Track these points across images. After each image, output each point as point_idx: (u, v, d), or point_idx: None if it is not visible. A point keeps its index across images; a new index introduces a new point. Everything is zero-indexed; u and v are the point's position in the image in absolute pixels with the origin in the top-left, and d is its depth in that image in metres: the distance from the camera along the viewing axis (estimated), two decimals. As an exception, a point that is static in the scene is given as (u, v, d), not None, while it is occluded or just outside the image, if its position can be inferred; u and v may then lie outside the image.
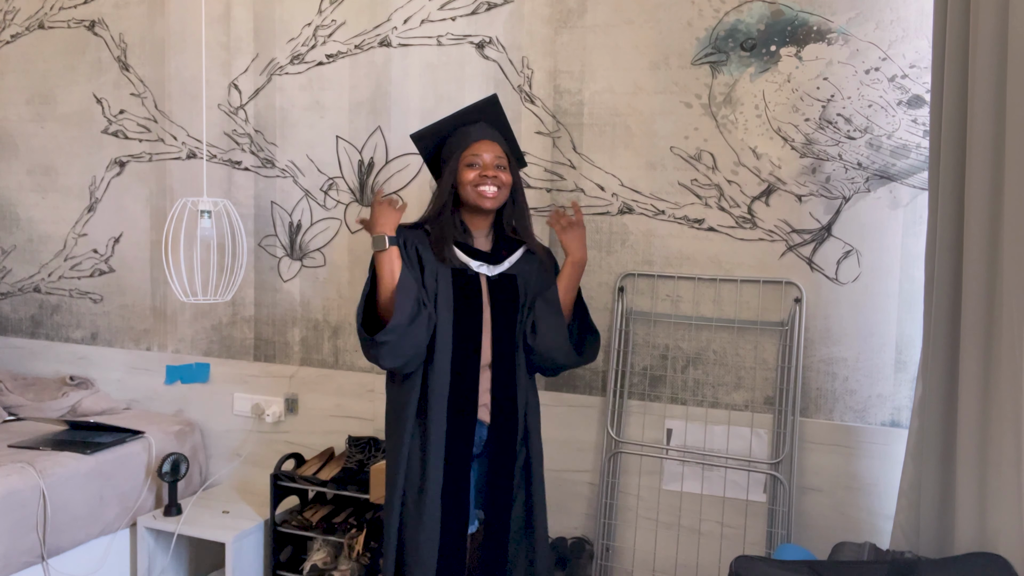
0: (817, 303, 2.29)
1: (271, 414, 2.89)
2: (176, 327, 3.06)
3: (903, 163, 2.20)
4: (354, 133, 2.75)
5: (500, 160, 2.01)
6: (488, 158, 1.99)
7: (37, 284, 3.29)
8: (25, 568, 2.36)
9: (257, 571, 2.63)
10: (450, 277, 2.01)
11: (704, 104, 2.35)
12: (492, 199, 1.99)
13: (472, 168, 1.99)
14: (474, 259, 2.03)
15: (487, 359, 2.02)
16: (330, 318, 2.83)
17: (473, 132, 2.01)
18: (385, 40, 2.69)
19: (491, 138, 2.02)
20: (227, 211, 2.63)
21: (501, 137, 2.06)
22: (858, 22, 2.20)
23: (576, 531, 2.55)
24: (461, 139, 2.02)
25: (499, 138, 2.05)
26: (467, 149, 2.00)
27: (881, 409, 2.25)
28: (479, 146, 2.00)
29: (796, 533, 2.30)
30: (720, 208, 2.37)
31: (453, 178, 2.00)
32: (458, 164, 2.00)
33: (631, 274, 2.46)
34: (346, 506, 2.68)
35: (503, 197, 2.02)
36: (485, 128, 2.03)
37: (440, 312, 1.99)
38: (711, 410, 2.40)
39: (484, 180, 1.98)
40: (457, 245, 2.03)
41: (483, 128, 2.03)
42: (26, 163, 3.26)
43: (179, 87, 2.98)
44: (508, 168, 2.03)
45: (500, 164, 2.01)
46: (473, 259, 2.03)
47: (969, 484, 1.61)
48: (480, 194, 1.98)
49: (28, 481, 2.38)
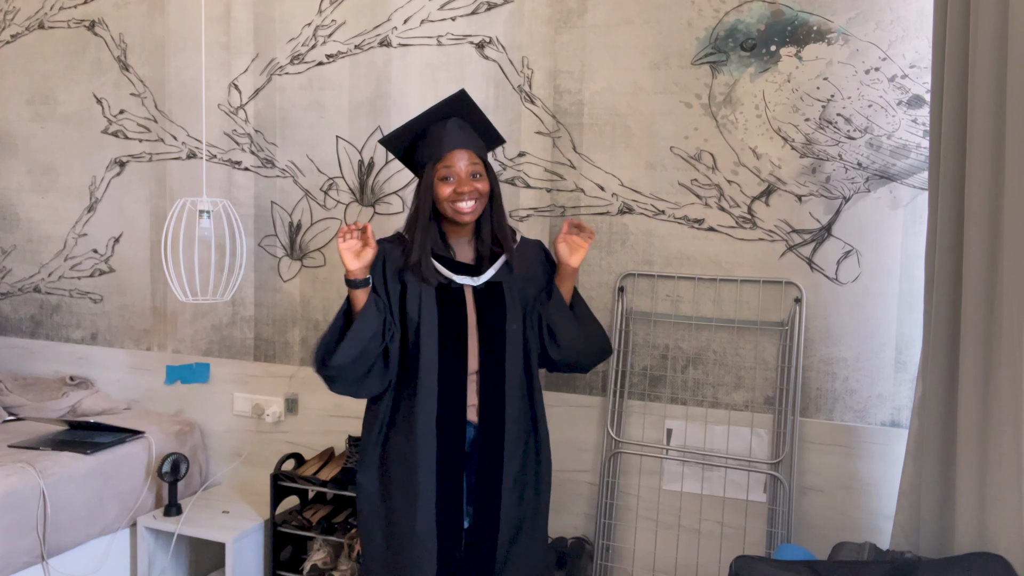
0: (817, 303, 2.29)
1: (271, 414, 2.89)
2: (176, 327, 3.06)
3: (903, 163, 2.20)
4: (354, 133, 2.75)
5: (475, 167, 1.94)
6: (463, 169, 1.92)
7: (37, 284, 3.29)
8: (25, 568, 2.36)
9: (257, 571, 2.63)
10: (433, 294, 1.96)
11: (704, 104, 2.35)
12: (470, 214, 1.94)
13: (447, 183, 1.92)
14: (456, 273, 1.97)
15: (474, 366, 1.98)
16: (330, 318, 2.82)
17: (445, 139, 1.93)
18: (385, 40, 2.69)
19: (463, 144, 1.94)
20: (227, 211, 2.63)
21: (474, 133, 1.98)
22: (858, 22, 2.20)
23: (576, 531, 2.55)
24: (433, 145, 1.94)
25: (472, 138, 1.97)
26: (440, 161, 1.93)
27: (881, 409, 2.25)
28: (452, 157, 1.92)
29: (796, 533, 2.30)
30: (720, 208, 2.37)
31: (430, 193, 1.95)
32: (432, 179, 1.94)
33: (631, 274, 2.46)
34: (346, 506, 2.68)
35: (481, 207, 1.97)
36: (456, 130, 1.95)
37: (424, 328, 1.95)
38: (711, 410, 2.40)
39: (460, 196, 1.92)
40: (439, 259, 1.97)
41: (455, 130, 1.94)
42: (26, 163, 3.26)
43: (179, 87, 2.98)
44: (484, 174, 1.96)
45: (476, 172, 1.94)
46: (456, 273, 1.97)
47: (969, 484, 1.61)
48: (457, 211, 1.93)
49: (28, 481, 2.38)
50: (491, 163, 2.04)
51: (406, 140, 2.01)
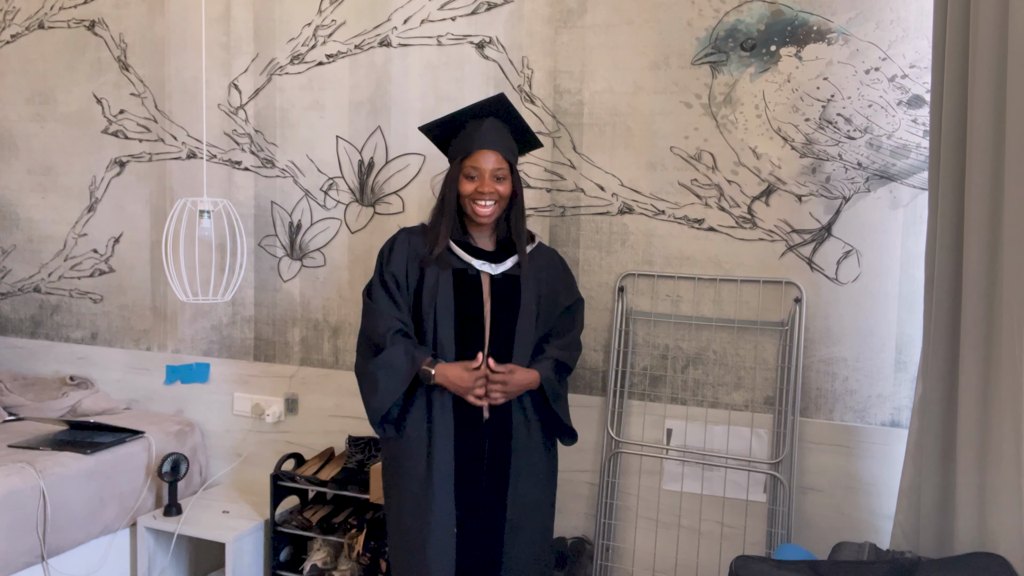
0: (817, 303, 2.29)
1: (271, 414, 2.89)
2: (176, 327, 3.06)
3: (903, 163, 2.20)
4: (354, 133, 2.75)
5: (500, 171, 2.01)
6: (488, 169, 1.99)
7: (37, 284, 3.29)
8: (25, 568, 2.36)
9: (257, 571, 2.63)
10: (451, 279, 2.03)
11: (704, 104, 2.35)
12: (486, 216, 2.02)
13: (470, 180, 2.00)
14: (476, 258, 2.04)
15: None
16: (330, 318, 2.83)
17: (477, 136, 2.00)
18: (385, 40, 2.69)
19: (493, 145, 2.00)
20: (227, 211, 2.63)
21: (509, 135, 2.05)
22: (858, 22, 2.20)
23: (576, 531, 2.55)
24: (465, 141, 2.02)
25: (504, 140, 2.03)
26: (468, 158, 2.00)
27: (881, 409, 2.25)
28: (479, 156, 1.99)
29: (796, 533, 2.30)
30: (720, 208, 2.37)
31: (454, 186, 2.02)
32: (458, 173, 2.02)
33: (631, 274, 2.46)
34: (346, 506, 2.68)
35: (499, 210, 2.05)
36: (490, 130, 2.01)
37: (440, 314, 2.03)
38: (711, 410, 2.40)
39: (480, 196, 2.00)
40: (459, 244, 2.05)
41: (489, 130, 2.01)
42: (26, 163, 3.26)
43: (179, 87, 2.98)
44: (508, 176, 2.03)
45: (500, 175, 2.01)
46: (475, 258, 2.04)
47: (969, 484, 1.61)
48: (475, 211, 2.02)
49: (28, 481, 2.38)
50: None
51: (444, 131, 2.09)
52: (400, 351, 1.99)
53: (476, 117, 2.04)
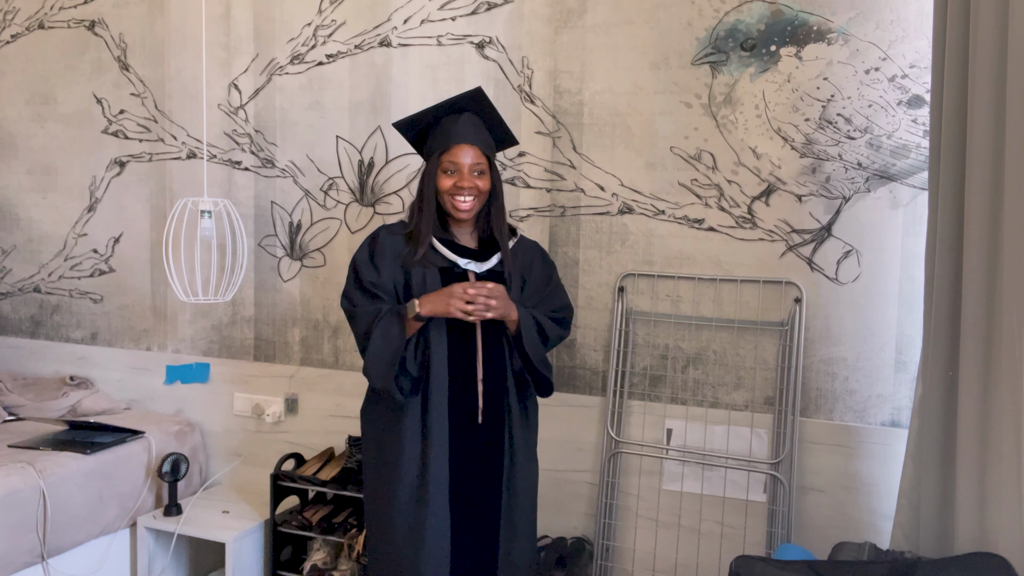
0: (817, 303, 2.29)
1: (271, 414, 2.89)
2: (176, 327, 3.06)
3: (903, 163, 2.20)
4: (354, 133, 2.75)
5: (479, 165, 1.98)
6: (466, 164, 1.97)
7: (37, 284, 3.29)
8: (25, 568, 2.36)
9: (257, 571, 2.63)
10: (438, 277, 2.01)
11: (704, 104, 2.35)
12: (466, 211, 2.00)
13: (448, 175, 1.98)
14: (461, 256, 2.03)
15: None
16: (330, 318, 2.83)
17: (454, 131, 1.97)
18: (385, 40, 2.69)
19: (471, 140, 1.98)
20: (227, 211, 2.63)
21: (485, 130, 2.02)
22: (858, 22, 2.20)
23: (576, 531, 2.55)
24: (442, 137, 1.99)
25: (481, 135, 2.01)
26: (445, 152, 1.98)
27: (881, 409, 2.25)
28: (458, 151, 1.97)
29: (796, 533, 2.30)
30: (720, 208, 2.37)
31: (432, 181, 2.00)
32: (436, 168, 1.99)
33: (631, 274, 2.46)
34: (346, 506, 2.68)
35: (479, 205, 2.02)
36: (467, 125, 1.99)
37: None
38: (711, 410, 2.40)
39: (459, 191, 1.97)
40: (443, 242, 2.03)
41: (465, 125, 1.99)
42: (26, 163, 3.26)
43: (179, 87, 2.98)
44: (487, 171, 2.01)
45: (478, 169, 1.98)
46: (460, 256, 2.03)
47: (969, 484, 1.61)
48: (454, 206, 1.99)
49: (28, 481, 2.38)
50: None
51: (419, 127, 2.06)
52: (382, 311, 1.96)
53: (452, 112, 2.01)
